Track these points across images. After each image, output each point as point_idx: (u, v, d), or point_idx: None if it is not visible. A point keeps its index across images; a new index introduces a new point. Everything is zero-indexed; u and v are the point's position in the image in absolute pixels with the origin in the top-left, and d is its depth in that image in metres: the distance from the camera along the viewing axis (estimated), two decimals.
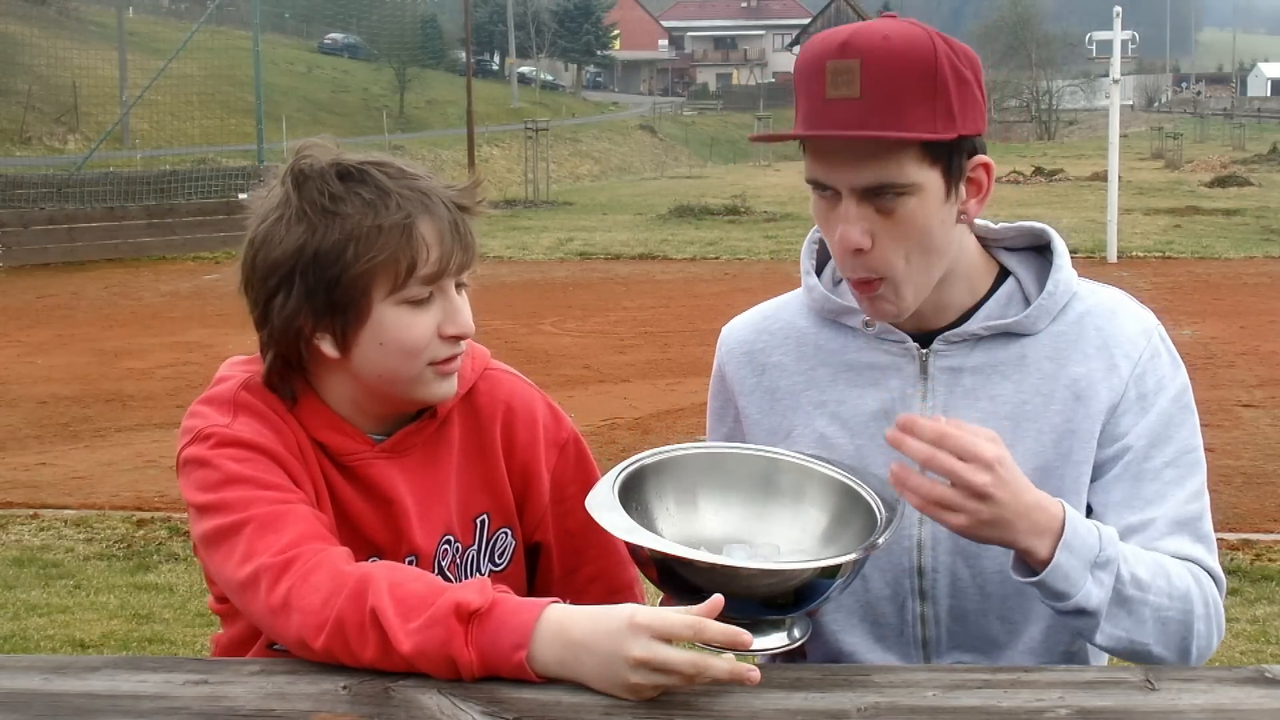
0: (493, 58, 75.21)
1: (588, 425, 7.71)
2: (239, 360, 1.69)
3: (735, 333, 1.78)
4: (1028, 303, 1.65)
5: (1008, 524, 1.42)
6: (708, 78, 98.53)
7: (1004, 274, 1.68)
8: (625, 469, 1.55)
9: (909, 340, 1.64)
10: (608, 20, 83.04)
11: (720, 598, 1.32)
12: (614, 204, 28.60)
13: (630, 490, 1.53)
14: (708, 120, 64.70)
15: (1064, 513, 1.45)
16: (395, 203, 1.55)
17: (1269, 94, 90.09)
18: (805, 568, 1.44)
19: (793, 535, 1.56)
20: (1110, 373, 1.60)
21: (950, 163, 1.52)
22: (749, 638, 1.32)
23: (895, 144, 1.48)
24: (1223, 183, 28.52)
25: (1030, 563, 1.46)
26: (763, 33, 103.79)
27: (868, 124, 1.47)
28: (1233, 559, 5.46)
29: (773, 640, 1.45)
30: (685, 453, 1.61)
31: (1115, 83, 17.01)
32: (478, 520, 1.71)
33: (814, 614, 1.51)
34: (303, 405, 1.63)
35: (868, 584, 1.64)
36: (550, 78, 75.51)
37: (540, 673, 1.34)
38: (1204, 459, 1.63)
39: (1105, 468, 1.59)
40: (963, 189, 1.56)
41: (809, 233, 1.75)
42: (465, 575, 1.69)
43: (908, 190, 1.50)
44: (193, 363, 10.60)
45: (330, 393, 1.63)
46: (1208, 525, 1.60)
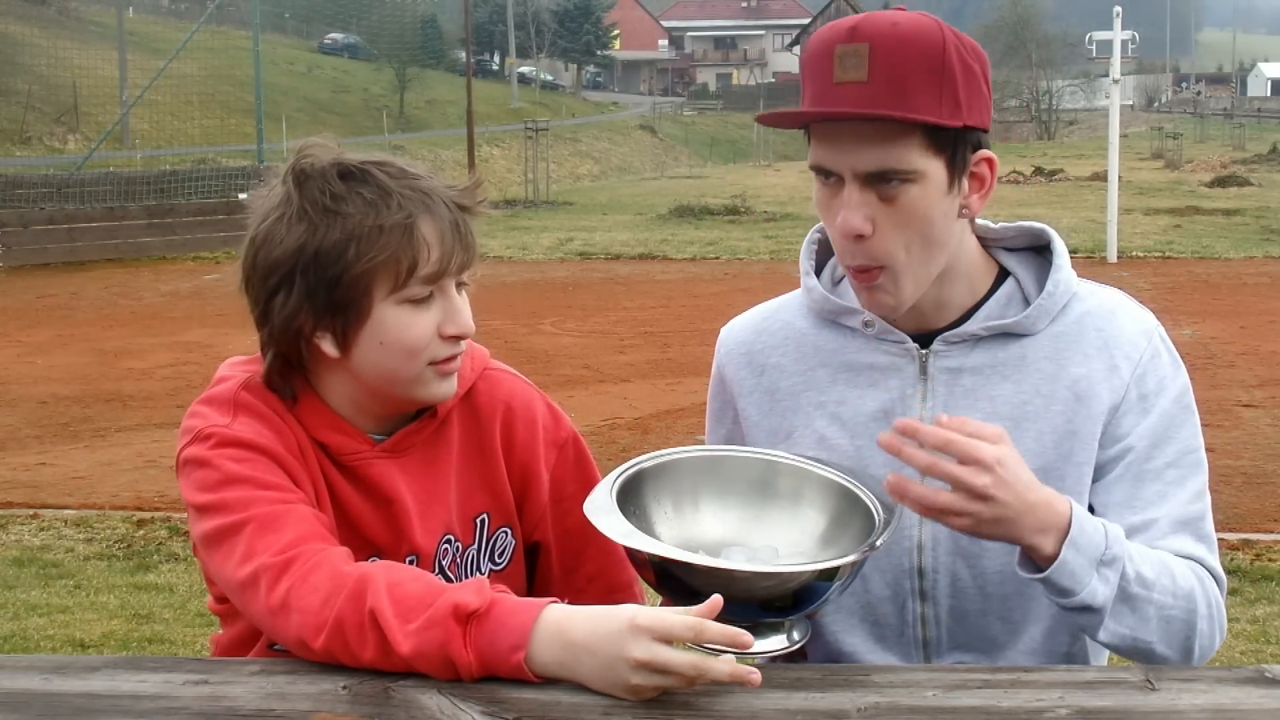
0: (493, 58, 75.17)
1: (588, 425, 7.71)
2: (238, 360, 1.69)
3: (734, 334, 1.78)
4: (1027, 303, 1.65)
5: (1011, 522, 1.42)
6: (708, 78, 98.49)
7: (1004, 274, 1.68)
8: (623, 472, 1.55)
9: (909, 341, 1.64)
10: (608, 20, 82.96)
11: (719, 598, 1.32)
12: (614, 204, 28.59)
13: (628, 494, 1.53)
14: (708, 120, 64.67)
15: (1071, 510, 1.45)
16: (396, 202, 1.55)
17: (1269, 94, 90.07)
18: (803, 570, 1.44)
19: (791, 538, 1.55)
20: (1111, 373, 1.60)
21: (954, 154, 1.52)
22: (749, 638, 1.32)
23: (900, 130, 1.48)
24: (1223, 183, 28.49)
25: (1036, 559, 1.46)
26: (763, 33, 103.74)
27: (874, 107, 1.47)
28: (1233, 559, 5.46)
29: (772, 643, 1.45)
30: (683, 456, 1.61)
31: (1115, 83, 17.01)
32: (478, 520, 1.71)
33: (813, 616, 1.51)
34: (303, 405, 1.63)
35: (868, 585, 1.64)
36: (550, 78, 75.46)
37: (539, 673, 1.34)
38: (1205, 459, 1.62)
39: (1107, 468, 1.59)
40: (965, 183, 1.56)
41: (809, 233, 1.76)
42: (465, 575, 1.69)
43: (911, 177, 1.50)
44: (193, 363, 10.60)
45: (330, 392, 1.63)
46: (1209, 525, 1.60)
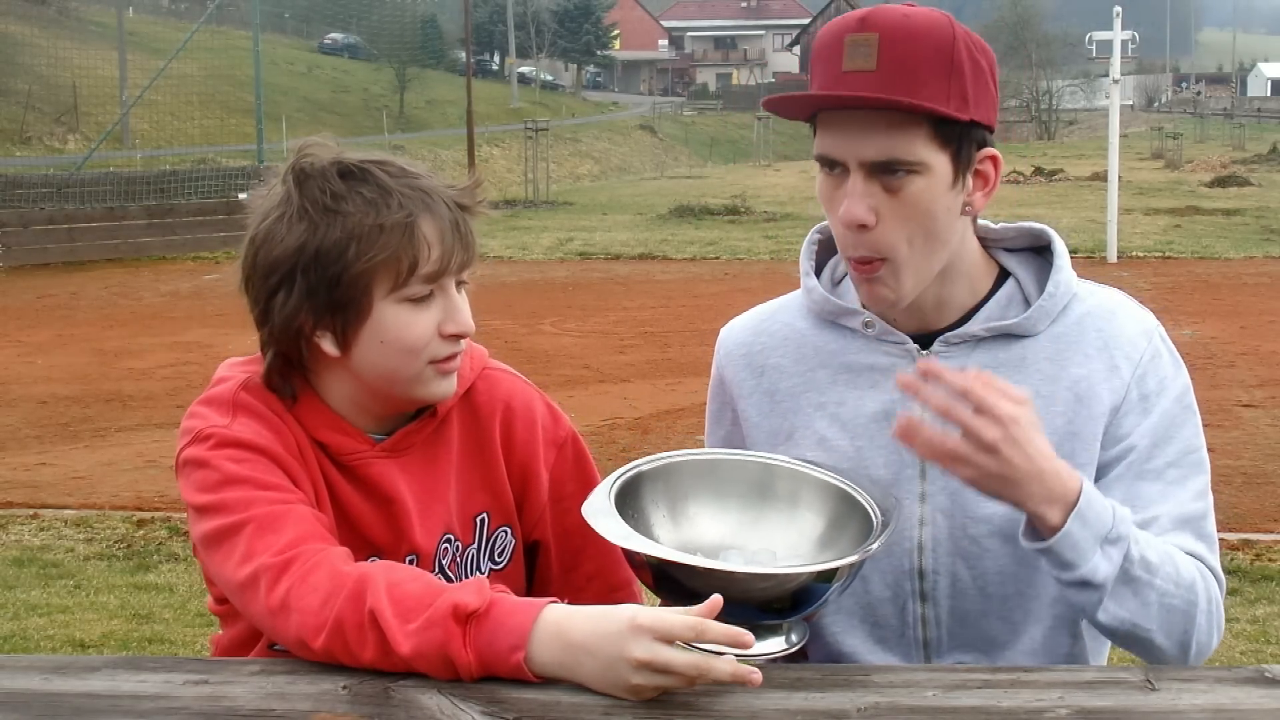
0: (493, 58, 75.17)
1: (588, 425, 7.72)
2: (237, 361, 1.69)
3: (734, 334, 1.78)
4: (1027, 304, 1.65)
5: (1016, 484, 1.42)
6: (708, 78, 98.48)
7: (1004, 275, 1.68)
8: (622, 475, 1.55)
9: (909, 342, 1.64)
10: (608, 20, 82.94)
11: (720, 597, 1.32)
12: (614, 204, 28.59)
13: (627, 496, 1.53)
14: (708, 120, 64.68)
15: (1081, 484, 1.45)
16: (397, 201, 1.55)
17: (1269, 94, 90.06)
18: (801, 572, 1.44)
19: (789, 540, 1.55)
20: (1111, 374, 1.60)
21: (960, 148, 1.53)
22: (751, 638, 1.32)
23: (907, 120, 1.48)
24: (1223, 183, 28.51)
25: (1041, 529, 1.45)
26: (763, 33, 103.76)
27: (883, 94, 1.47)
28: (1233, 559, 5.46)
29: (770, 645, 1.45)
30: (681, 459, 1.61)
31: (1115, 83, 17.02)
32: (478, 519, 1.71)
33: (811, 619, 1.51)
34: (302, 404, 1.63)
35: (868, 586, 1.64)
36: (550, 78, 75.46)
37: (539, 673, 1.34)
38: (1207, 459, 1.62)
39: (1108, 468, 1.59)
40: (970, 179, 1.56)
41: (809, 233, 1.75)
42: (465, 574, 1.69)
43: (916, 169, 1.50)
44: (193, 363, 10.61)
45: (330, 392, 1.63)
46: (1210, 525, 1.60)
